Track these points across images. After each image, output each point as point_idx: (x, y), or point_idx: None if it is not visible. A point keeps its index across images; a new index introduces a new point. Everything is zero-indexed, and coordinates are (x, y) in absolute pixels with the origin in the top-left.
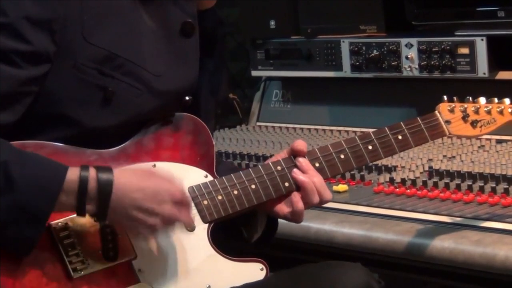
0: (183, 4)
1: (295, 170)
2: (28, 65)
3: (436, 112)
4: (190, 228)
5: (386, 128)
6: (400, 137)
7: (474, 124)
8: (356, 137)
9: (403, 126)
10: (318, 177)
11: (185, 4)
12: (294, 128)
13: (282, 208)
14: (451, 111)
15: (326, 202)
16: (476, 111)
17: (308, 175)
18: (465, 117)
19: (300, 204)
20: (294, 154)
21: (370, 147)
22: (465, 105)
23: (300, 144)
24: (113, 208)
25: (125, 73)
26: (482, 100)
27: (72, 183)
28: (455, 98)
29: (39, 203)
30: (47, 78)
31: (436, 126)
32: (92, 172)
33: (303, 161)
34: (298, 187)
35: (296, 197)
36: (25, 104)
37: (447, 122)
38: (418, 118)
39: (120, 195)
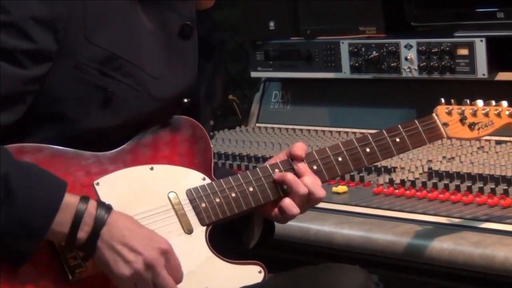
0: (181, 6)
1: (275, 174)
2: (31, 64)
3: (434, 114)
4: None
5: (383, 130)
6: (398, 140)
7: (471, 126)
8: (354, 140)
9: (401, 129)
10: (311, 177)
11: (184, 5)
12: (294, 129)
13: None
14: (449, 113)
15: (320, 199)
16: (474, 114)
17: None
18: (462, 120)
19: (295, 209)
20: (292, 157)
21: (368, 150)
22: (463, 108)
23: (299, 149)
24: (101, 238)
25: (124, 74)
26: (480, 102)
27: (70, 205)
28: (452, 100)
29: (37, 218)
30: (48, 77)
31: (433, 129)
32: (92, 202)
33: (300, 164)
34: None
35: (286, 200)
36: (27, 103)
37: (445, 124)
38: (415, 120)
39: (112, 227)
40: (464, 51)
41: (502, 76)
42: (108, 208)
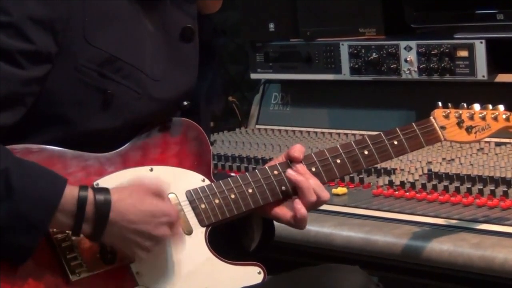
0: (183, 8)
1: (289, 170)
2: (30, 65)
3: (431, 118)
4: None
5: (381, 133)
6: (395, 142)
7: (469, 130)
8: (352, 142)
9: (399, 132)
10: (314, 179)
11: (186, 8)
12: (293, 131)
13: (285, 213)
14: (446, 116)
15: (324, 202)
16: (471, 117)
17: (304, 176)
18: (460, 123)
19: (303, 210)
20: (290, 159)
21: (366, 152)
22: (460, 111)
23: (297, 151)
24: (109, 230)
25: (124, 76)
26: (477, 106)
27: (71, 200)
28: (449, 104)
29: (37, 213)
30: (48, 79)
31: (431, 132)
32: (90, 193)
33: (299, 166)
34: (295, 189)
35: (298, 203)
36: (27, 104)
37: (442, 127)
38: (413, 123)
39: (117, 217)
40: (463, 53)
41: (502, 78)
42: (106, 202)
